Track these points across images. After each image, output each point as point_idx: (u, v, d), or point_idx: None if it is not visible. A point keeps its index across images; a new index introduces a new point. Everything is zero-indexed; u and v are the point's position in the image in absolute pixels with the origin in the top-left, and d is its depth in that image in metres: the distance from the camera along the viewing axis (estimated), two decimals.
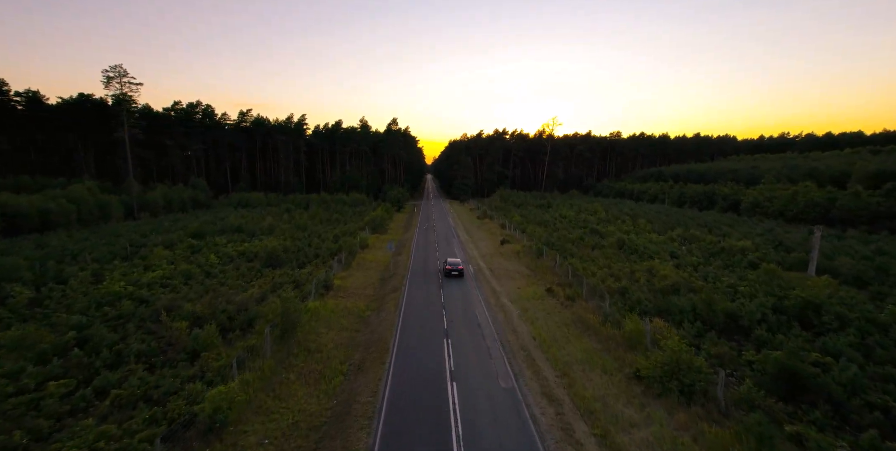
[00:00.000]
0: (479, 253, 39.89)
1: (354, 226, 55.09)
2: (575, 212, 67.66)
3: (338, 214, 64.83)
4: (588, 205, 73.76)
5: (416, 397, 13.86)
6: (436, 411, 12.97)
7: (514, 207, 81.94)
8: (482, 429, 12.04)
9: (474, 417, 12.62)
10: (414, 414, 12.81)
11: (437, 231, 52.68)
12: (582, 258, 33.55)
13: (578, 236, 45.07)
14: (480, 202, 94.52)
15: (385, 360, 16.76)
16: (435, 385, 14.61)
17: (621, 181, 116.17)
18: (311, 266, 32.33)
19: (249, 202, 69.58)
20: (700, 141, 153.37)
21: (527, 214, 67.96)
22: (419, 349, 17.79)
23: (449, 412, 12.83)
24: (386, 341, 18.63)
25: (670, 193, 79.65)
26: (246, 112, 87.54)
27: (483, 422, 12.38)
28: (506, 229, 53.50)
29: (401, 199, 76.79)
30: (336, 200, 79.01)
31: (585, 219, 57.61)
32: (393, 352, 17.50)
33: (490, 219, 64.82)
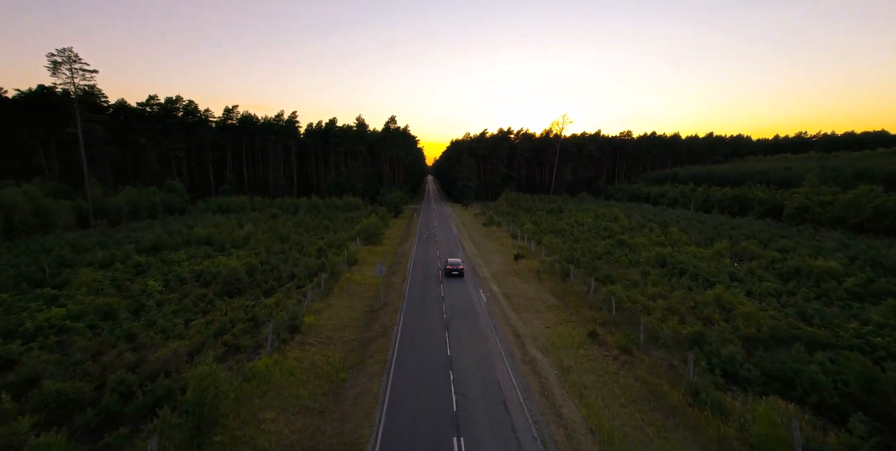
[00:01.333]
0: (490, 272, 33.16)
1: (345, 235, 48.46)
2: (592, 218, 60.93)
3: (327, 220, 58.14)
4: (605, 210, 67.02)
5: None
6: None
7: (523, 212, 75.25)
8: None
9: None
10: None
11: (438, 242, 46.00)
12: (622, 282, 26.82)
13: (605, 248, 38.36)
14: (485, 206, 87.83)
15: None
16: None
17: (634, 183, 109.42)
18: (282, 293, 25.67)
19: (231, 207, 62.98)
20: (713, 141, 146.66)
21: (538, 220, 61.26)
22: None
23: None
24: (362, 440, 11.92)
25: (694, 196, 72.85)
26: (232, 109, 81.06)
27: None
28: (518, 240, 46.80)
29: (399, 203, 70.19)
30: (328, 205, 72.38)
31: (607, 227, 50.89)
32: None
33: (498, 226, 58.10)
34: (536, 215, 68.85)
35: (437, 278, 30.43)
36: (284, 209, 67.60)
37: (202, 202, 63.08)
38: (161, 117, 71.04)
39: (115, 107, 69.07)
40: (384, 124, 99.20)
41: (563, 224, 55.04)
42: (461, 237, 50.14)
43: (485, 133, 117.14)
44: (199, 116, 76.70)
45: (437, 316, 22.30)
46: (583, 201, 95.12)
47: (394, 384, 14.96)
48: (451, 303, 24.53)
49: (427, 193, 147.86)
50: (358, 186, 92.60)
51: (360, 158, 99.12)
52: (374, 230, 44.60)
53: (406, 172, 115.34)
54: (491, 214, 65.33)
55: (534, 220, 61.59)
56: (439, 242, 46.07)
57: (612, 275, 28.17)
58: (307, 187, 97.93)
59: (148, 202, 52.32)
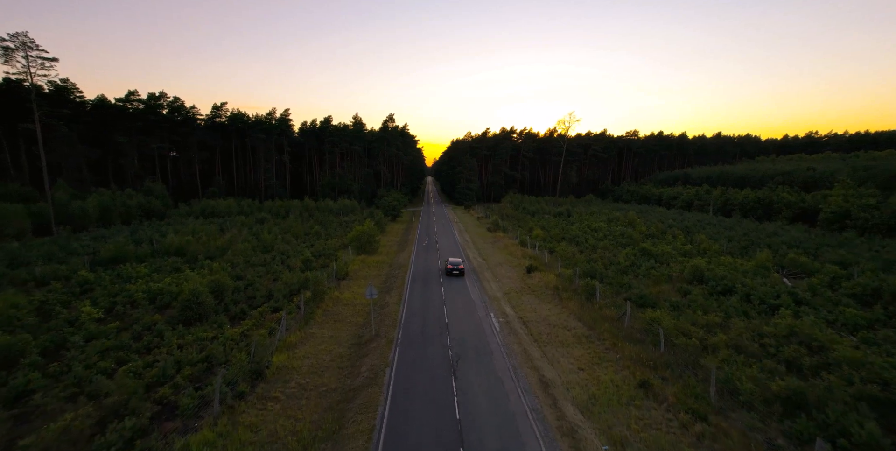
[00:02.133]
0: (500, 288, 28.67)
1: (337, 243, 44.01)
2: (605, 222, 56.49)
3: (318, 226, 53.65)
4: (617, 213, 62.56)
5: None
6: None
7: (529, 215, 70.82)
8: None
9: None
10: None
11: (440, 250, 41.55)
12: (663, 305, 22.34)
13: (628, 259, 33.90)
14: (488, 209, 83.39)
15: None
16: None
17: (643, 185, 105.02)
18: (254, 318, 21.17)
19: (216, 211, 58.44)
20: (721, 141, 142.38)
21: (547, 225, 56.83)
22: None
23: None
24: None
25: (711, 199, 68.44)
26: (220, 106, 76.47)
27: None
28: (527, 248, 42.33)
29: (397, 206, 65.73)
30: (321, 208, 67.90)
31: (624, 233, 46.46)
32: None
33: (504, 232, 53.60)
34: (544, 219, 64.43)
35: (440, 299, 25.96)
36: (274, 213, 63.10)
37: (185, 206, 58.51)
38: (143, 115, 66.52)
39: (94, 103, 64.58)
40: (382, 123, 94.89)
41: (574, 230, 50.56)
42: (465, 245, 45.65)
43: (487, 132, 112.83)
44: (185, 113, 72.16)
45: (440, 353, 17.80)
46: (590, 204, 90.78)
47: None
48: (457, 333, 20.03)
49: (427, 194, 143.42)
50: (354, 187, 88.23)
51: (356, 159, 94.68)
52: (368, 238, 40.11)
53: (405, 173, 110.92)
54: (496, 219, 60.86)
55: (542, 224, 57.14)
56: (441, 250, 41.58)
57: (647, 295, 23.67)
58: (301, 189, 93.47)
59: (121, 206, 47.76)
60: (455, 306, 24.32)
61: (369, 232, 40.63)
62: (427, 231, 55.23)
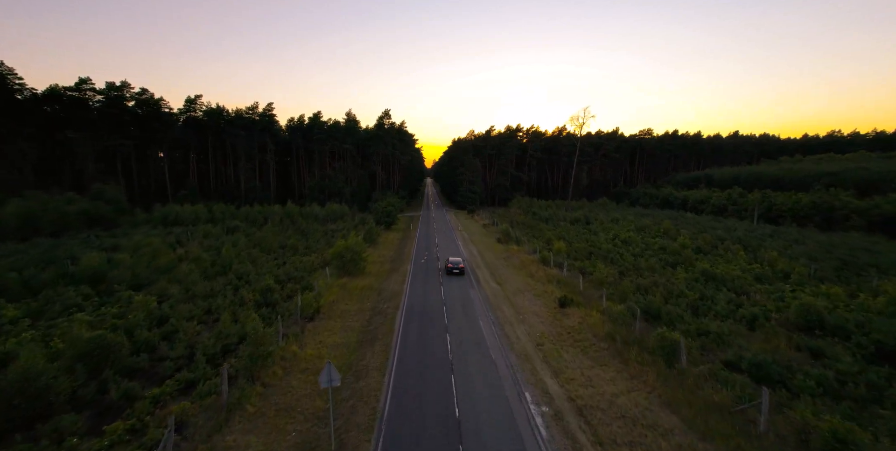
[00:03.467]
0: (529, 335, 20.29)
1: (316, 259, 35.72)
2: (634, 231, 48.24)
3: (297, 236, 45.34)
4: (646, 221, 54.23)
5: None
6: None
7: (542, 222, 62.56)
8: None
9: None
10: None
11: (442, 273, 33.25)
12: (805, 386, 14.01)
13: (694, 289, 25.57)
14: (494, 214, 75.13)
15: None
16: None
17: (660, 187, 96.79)
18: (139, 411, 12.79)
19: (181, 218, 50.04)
20: (738, 141, 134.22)
21: (566, 234, 48.57)
22: None
23: None
24: None
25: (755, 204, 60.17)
26: (195, 99, 67.96)
27: None
28: (550, 267, 34.00)
29: (391, 212, 57.39)
30: (305, 214, 59.55)
31: (665, 247, 38.18)
32: None
33: (517, 244, 45.22)
34: (560, 228, 56.19)
35: (444, 352, 17.65)
36: (250, 220, 54.75)
37: (144, 212, 50.04)
38: (102, 108, 58.20)
39: (45, 94, 56.29)
40: (377, 120, 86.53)
41: (602, 242, 42.21)
42: (472, 262, 37.25)
43: (491, 131, 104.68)
44: (154, 107, 63.73)
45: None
46: (607, 208, 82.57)
47: None
48: (476, 445, 11.66)
49: (426, 197, 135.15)
50: (345, 190, 79.93)
51: (349, 159, 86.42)
52: (353, 256, 31.72)
53: (403, 174, 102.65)
54: (505, 227, 52.46)
55: (560, 234, 48.86)
56: (445, 271, 33.25)
57: (768, 363, 15.29)
58: (289, 193, 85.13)
59: (55, 214, 39.38)
60: (469, 374, 15.97)
61: (354, 248, 32.23)
62: (426, 243, 46.85)
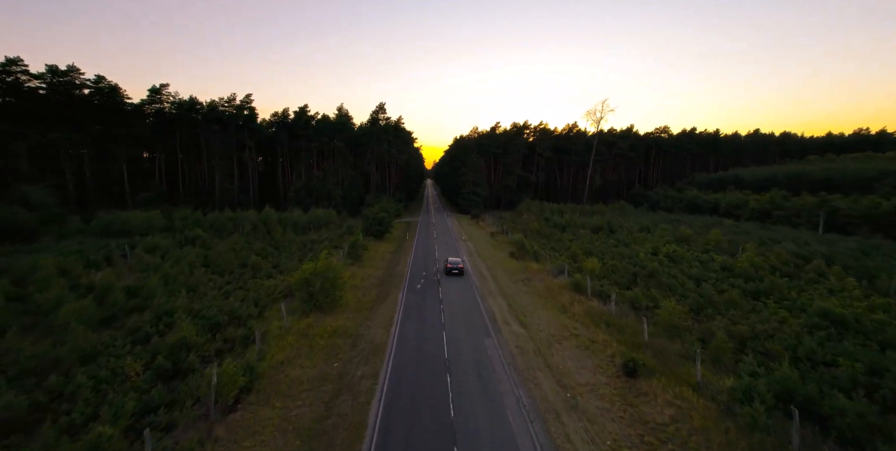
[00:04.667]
0: (587, 439, 11.88)
1: (282, 285, 27.44)
2: (674, 242, 39.92)
3: (266, 251, 37.01)
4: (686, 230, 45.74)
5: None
6: None
7: (558, 229, 54.28)
8: None
9: None
10: None
11: (445, 303, 24.89)
12: None
13: (823, 345, 17.21)
14: (501, 220, 66.86)
15: None
16: None
17: (683, 189, 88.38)
18: None
19: (130, 227, 41.75)
20: (759, 139, 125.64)
21: (591, 246, 40.33)
22: None
23: None
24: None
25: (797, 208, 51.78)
26: (160, 88, 59.59)
27: None
28: (587, 297, 25.62)
29: (384, 219, 49.00)
30: (285, 221, 51.23)
31: (725, 264, 29.82)
32: None
33: (535, 260, 36.80)
34: (580, 237, 47.98)
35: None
36: (218, 229, 46.46)
37: (81, 221, 41.63)
38: (48, 96, 49.96)
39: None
40: (370, 115, 78.26)
41: (645, 258, 33.76)
42: (485, 289, 28.82)
43: (496, 128, 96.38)
44: (111, 96, 55.37)
45: None
46: (625, 212, 74.24)
47: None
48: None
49: (426, 199, 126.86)
50: (335, 193, 71.59)
51: (340, 158, 78.17)
52: (324, 283, 23.35)
53: (400, 175, 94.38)
54: (520, 238, 44.04)
55: (585, 246, 40.59)
56: (447, 303, 24.90)
57: None
58: (273, 195, 76.93)
59: None
60: None
61: (327, 274, 23.86)
62: (424, 258, 38.52)
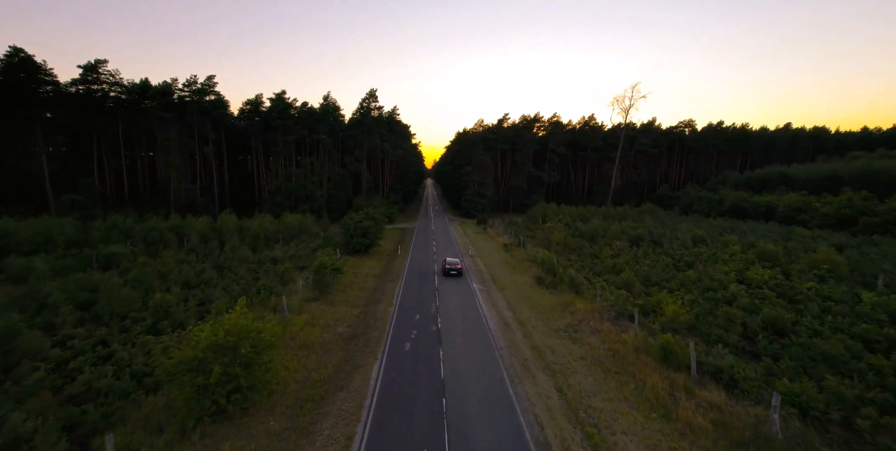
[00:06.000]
0: None
1: (187, 349, 16.57)
2: (761, 263, 29.16)
3: (199, 279, 26.25)
4: (768, 245, 35.00)
5: None
6: None
7: (586, 240, 43.65)
8: None
9: None
10: None
11: (449, 399, 14.09)
12: None
13: None
14: (512, 226, 56.25)
15: None
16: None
17: (717, 189, 77.48)
18: None
19: (16, 241, 30.94)
20: (792, 134, 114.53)
21: (649, 270, 29.66)
22: None
23: None
24: None
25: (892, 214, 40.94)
26: (96, 65, 48.52)
27: None
28: (690, 377, 14.87)
29: (369, 231, 38.20)
30: (245, 230, 40.53)
31: (883, 306, 19.15)
32: None
33: (574, 291, 26.01)
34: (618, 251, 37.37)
35: None
36: (153, 242, 35.83)
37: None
38: None
39: None
40: (359, 104, 67.43)
41: (743, 294, 23.01)
42: (513, 356, 18.05)
43: (504, 121, 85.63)
44: (27, 72, 44.53)
45: None
46: (657, 217, 63.57)
47: None
48: None
49: (425, 200, 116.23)
50: (317, 194, 60.93)
51: (325, 154, 67.53)
52: (233, 369, 12.66)
53: (395, 174, 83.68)
54: (547, 256, 33.07)
55: (636, 267, 29.95)
56: (452, 394, 14.14)
57: None
58: (248, 198, 66.35)
59: None
60: None
61: (240, 344, 13.15)
62: (420, 287, 27.84)
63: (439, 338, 18.98)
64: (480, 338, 19.22)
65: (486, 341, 18.91)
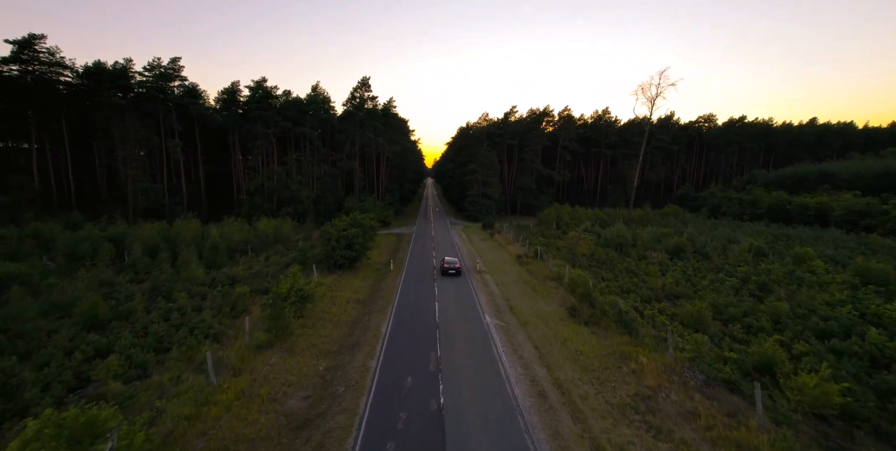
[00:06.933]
0: None
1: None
2: (859, 287, 21.99)
3: (116, 312, 19.15)
4: (860, 261, 27.95)
5: None
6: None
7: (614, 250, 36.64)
8: None
9: None
10: None
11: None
12: None
13: None
14: (523, 231, 49.16)
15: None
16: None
17: (747, 189, 70.29)
18: None
19: None
20: (818, 130, 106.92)
21: (720, 300, 22.51)
22: None
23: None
24: None
25: None
26: (31, 41, 40.82)
27: None
28: None
29: (356, 241, 31.03)
30: (204, 239, 33.42)
31: None
32: None
33: (625, 331, 18.88)
34: (670, 267, 30.36)
35: None
36: (81, 257, 28.76)
37: None
38: None
39: None
40: (350, 93, 60.25)
41: (837, 327, 15.90)
42: (555, 449, 10.97)
43: (511, 114, 78.39)
44: None
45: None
46: (684, 221, 56.52)
47: None
48: None
49: (424, 201, 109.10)
50: (303, 195, 53.87)
51: (312, 151, 60.45)
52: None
53: (391, 172, 76.57)
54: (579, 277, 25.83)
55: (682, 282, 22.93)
56: None
57: None
58: (228, 200, 59.41)
59: None
60: None
61: None
62: (415, 320, 20.77)
63: (442, 427, 11.91)
64: (505, 422, 12.15)
65: (514, 430, 11.83)
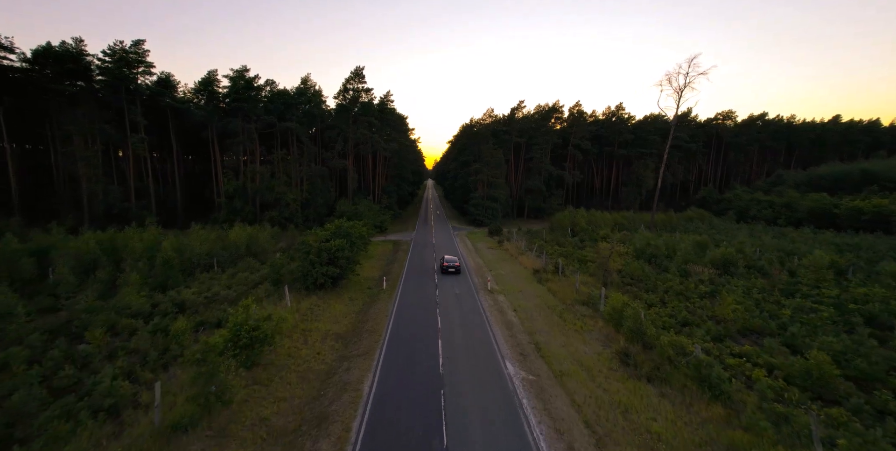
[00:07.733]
0: None
1: None
2: None
3: None
4: None
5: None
6: None
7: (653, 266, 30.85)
8: None
9: None
10: None
11: None
12: None
13: None
14: (534, 237, 43.42)
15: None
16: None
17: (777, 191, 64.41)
18: None
19: None
20: (843, 127, 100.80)
21: (824, 342, 16.39)
22: None
23: None
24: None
25: None
26: None
27: None
28: None
29: (341, 255, 25.33)
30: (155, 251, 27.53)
31: None
32: None
33: (714, 396, 13.01)
34: (732, 291, 24.52)
35: None
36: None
37: None
38: None
39: None
40: (342, 85, 54.49)
41: None
42: None
43: (518, 110, 72.60)
44: None
45: None
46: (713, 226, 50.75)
47: None
48: None
49: (425, 203, 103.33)
50: (288, 198, 48.15)
51: (302, 149, 54.75)
52: None
53: (388, 172, 70.81)
54: (631, 315, 19.97)
55: (754, 313, 16.96)
56: None
57: None
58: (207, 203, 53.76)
59: None
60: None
61: None
62: (413, 370, 14.88)
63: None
64: None
65: None
